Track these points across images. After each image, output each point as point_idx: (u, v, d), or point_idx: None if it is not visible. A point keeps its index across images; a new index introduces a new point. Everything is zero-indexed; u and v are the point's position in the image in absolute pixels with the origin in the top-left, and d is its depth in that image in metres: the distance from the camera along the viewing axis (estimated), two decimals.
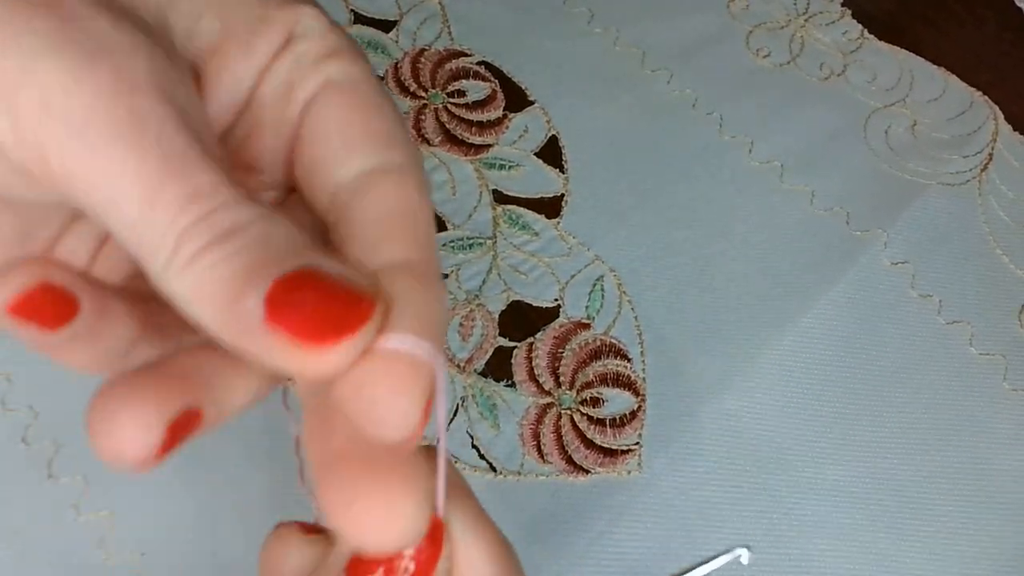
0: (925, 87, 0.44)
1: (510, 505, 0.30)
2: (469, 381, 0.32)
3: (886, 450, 0.34)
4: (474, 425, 0.31)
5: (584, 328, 0.34)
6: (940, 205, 0.40)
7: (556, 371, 0.33)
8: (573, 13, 0.43)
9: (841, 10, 0.46)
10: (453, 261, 0.34)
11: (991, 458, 0.34)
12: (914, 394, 0.35)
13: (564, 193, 0.37)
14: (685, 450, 0.32)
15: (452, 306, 0.34)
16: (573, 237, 0.36)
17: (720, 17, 0.44)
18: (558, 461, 0.31)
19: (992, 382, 0.36)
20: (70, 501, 0.28)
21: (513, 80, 0.40)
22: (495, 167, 0.37)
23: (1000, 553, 0.32)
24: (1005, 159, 0.42)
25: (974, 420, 0.35)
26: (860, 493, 0.33)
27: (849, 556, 0.31)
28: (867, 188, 0.40)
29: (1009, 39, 0.46)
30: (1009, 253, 0.39)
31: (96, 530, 0.27)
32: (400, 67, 0.39)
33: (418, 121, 0.38)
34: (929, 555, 0.32)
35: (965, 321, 0.37)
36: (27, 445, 0.28)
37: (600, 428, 0.32)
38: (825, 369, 0.35)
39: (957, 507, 0.33)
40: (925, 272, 0.38)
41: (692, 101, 0.41)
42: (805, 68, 0.43)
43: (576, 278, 0.35)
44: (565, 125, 0.39)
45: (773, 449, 0.33)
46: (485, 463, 0.31)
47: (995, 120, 0.43)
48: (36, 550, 0.27)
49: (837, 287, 0.37)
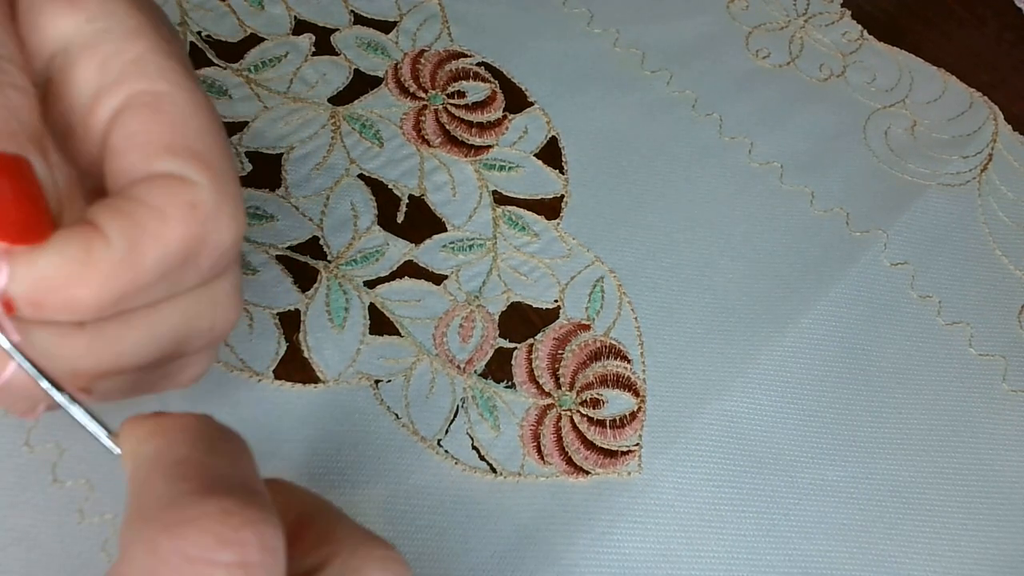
0: (925, 88, 0.44)
1: (510, 506, 0.30)
2: (469, 382, 0.32)
3: (886, 451, 0.34)
4: (474, 426, 0.31)
5: (584, 329, 0.34)
6: (940, 206, 0.40)
7: (556, 372, 0.33)
8: (573, 14, 0.43)
9: (841, 11, 0.46)
10: (453, 262, 0.35)
11: (991, 459, 0.34)
12: (914, 395, 0.35)
13: (564, 194, 0.37)
14: (685, 451, 0.32)
15: (452, 307, 0.34)
16: (573, 238, 0.36)
17: (720, 18, 0.44)
18: (558, 462, 0.31)
19: (992, 383, 0.36)
20: (75, 505, 0.28)
21: (513, 81, 0.40)
22: (495, 168, 0.37)
23: (1001, 554, 0.32)
24: (1005, 160, 0.42)
25: (974, 421, 0.35)
26: (860, 494, 0.33)
27: (849, 556, 0.31)
28: (867, 189, 0.40)
29: (1009, 39, 0.46)
30: (1009, 254, 0.39)
31: (100, 533, 0.27)
32: (400, 68, 0.39)
33: (418, 122, 0.38)
34: (929, 556, 0.32)
35: (965, 322, 0.37)
36: (31, 449, 0.28)
37: (600, 429, 0.32)
38: (825, 370, 0.35)
39: (957, 508, 0.33)
40: (925, 273, 0.38)
41: (692, 102, 0.41)
42: (805, 69, 0.43)
43: (576, 279, 0.35)
44: (565, 126, 0.39)
45: (773, 449, 0.33)
46: (485, 464, 0.31)
47: (995, 121, 0.43)
48: (41, 554, 0.27)
49: (837, 288, 0.37)
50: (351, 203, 0.35)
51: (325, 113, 0.37)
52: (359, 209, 0.35)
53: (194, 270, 0.19)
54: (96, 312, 0.18)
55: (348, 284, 0.33)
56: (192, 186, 0.19)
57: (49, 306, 0.17)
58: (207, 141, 0.19)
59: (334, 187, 0.35)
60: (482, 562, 0.29)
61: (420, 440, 0.31)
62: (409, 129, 0.37)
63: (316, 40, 0.39)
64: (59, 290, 0.17)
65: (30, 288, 0.17)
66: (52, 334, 0.19)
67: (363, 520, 0.29)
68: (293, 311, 0.32)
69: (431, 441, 0.31)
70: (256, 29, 0.39)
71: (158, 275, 0.18)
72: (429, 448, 0.31)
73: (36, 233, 0.17)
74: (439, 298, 0.34)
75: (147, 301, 0.19)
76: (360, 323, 0.33)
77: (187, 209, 0.18)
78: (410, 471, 0.30)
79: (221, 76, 0.37)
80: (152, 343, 0.20)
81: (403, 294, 0.34)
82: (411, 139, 0.37)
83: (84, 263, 0.17)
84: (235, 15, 0.39)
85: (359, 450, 0.30)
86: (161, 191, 0.18)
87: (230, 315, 0.22)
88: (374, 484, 0.30)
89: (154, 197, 0.18)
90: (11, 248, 0.17)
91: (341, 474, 0.30)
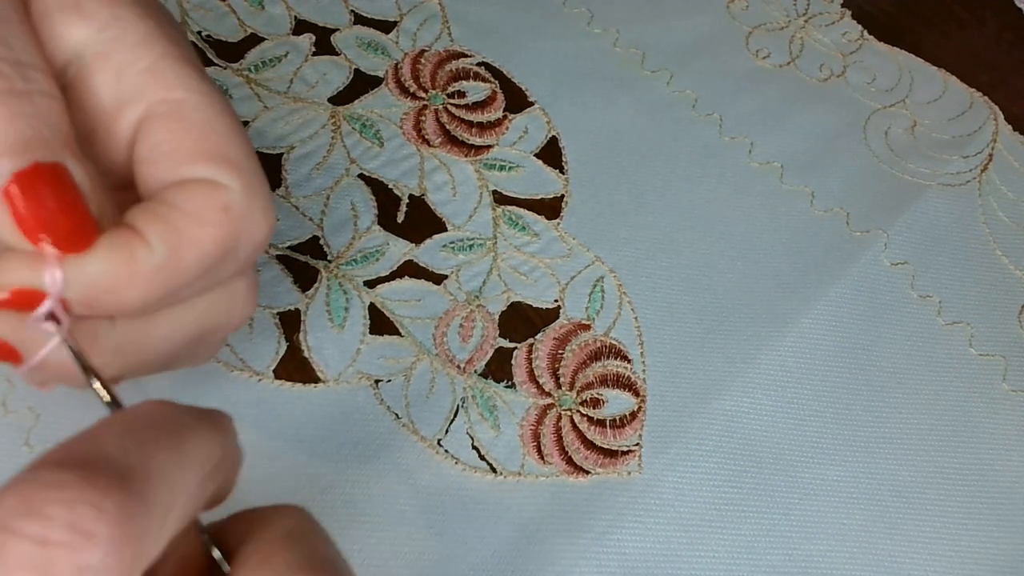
0: (925, 88, 0.44)
1: (510, 506, 0.30)
2: (469, 382, 0.32)
3: (886, 451, 0.34)
4: (474, 426, 0.31)
5: (584, 329, 0.34)
6: (940, 206, 0.40)
7: (556, 372, 0.33)
8: (573, 14, 0.43)
9: (841, 11, 0.46)
10: (453, 262, 0.35)
11: (991, 459, 0.34)
12: (914, 394, 0.35)
13: (564, 194, 0.37)
14: (685, 451, 0.32)
15: (452, 307, 0.34)
16: (573, 238, 0.36)
17: (720, 18, 0.44)
18: (558, 462, 0.31)
19: (992, 383, 0.36)
20: None
21: (513, 81, 0.40)
22: (495, 168, 0.37)
23: (1001, 553, 0.32)
24: (1005, 160, 0.42)
25: (974, 421, 0.35)
26: (860, 493, 0.33)
27: (849, 556, 0.31)
28: (867, 189, 0.40)
29: (1009, 39, 0.46)
30: (1009, 254, 0.39)
31: None
32: (400, 68, 0.39)
33: (418, 122, 0.38)
34: (929, 555, 0.32)
35: (965, 322, 0.37)
36: (31, 449, 0.28)
37: (600, 429, 0.32)
38: (825, 370, 0.35)
39: (957, 508, 0.33)
40: (925, 273, 0.38)
41: (692, 102, 0.41)
42: (805, 69, 0.43)
43: (576, 279, 0.35)
44: (565, 126, 0.39)
45: (773, 449, 0.33)
46: (485, 464, 0.31)
47: (995, 121, 0.43)
48: None
49: (837, 288, 0.37)
50: (351, 203, 0.35)
51: (325, 113, 0.37)
52: (359, 209, 0.35)
53: (231, 266, 0.20)
54: (142, 310, 0.19)
55: (348, 284, 0.33)
56: (223, 189, 0.20)
57: (99, 306, 0.19)
58: (231, 142, 0.20)
59: (334, 187, 0.35)
60: (482, 562, 0.29)
61: (420, 440, 0.31)
62: (409, 129, 0.37)
63: (316, 40, 0.39)
64: (108, 292, 0.19)
65: (81, 291, 0.18)
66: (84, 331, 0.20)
67: (363, 520, 0.29)
68: (293, 311, 0.32)
69: (431, 441, 0.31)
70: (256, 29, 0.39)
71: (198, 274, 0.20)
72: (429, 448, 0.31)
73: (84, 239, 0.18)
74: (439, 298, 0.34)
75: (186, 298, 0.20)
76: (360, 323, 0.33)
77: (221, 212, 0.19)
78: (410, 471, 0.30)
79: (221, 76, 0.37)
80: (176, 337, 0.21)
81: (403, 294, 0.34)
82: (411, 139, 0.37)
83: (130, 267, 0.18)
84: (235, 15, 0.39)
85: (359, 450, 0.30)
86: (195, 196, 0.19)
87: (248, 309, 0.23)
88: (374, 484, 0.30)
89: (189, 202, 0.19)
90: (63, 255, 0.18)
91: (341, 474, 0.30)
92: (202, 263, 0.19)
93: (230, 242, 0.20)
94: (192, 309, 0.21)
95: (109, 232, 0.19)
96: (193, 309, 0.21)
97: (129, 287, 0.19)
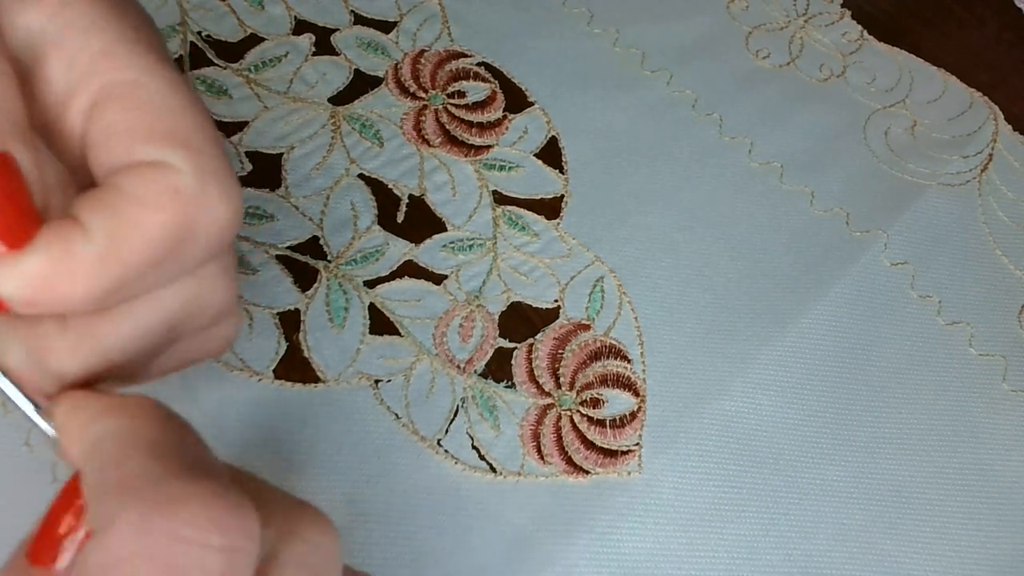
0: (925, 88, 0.44)
1: (510, 506, 0.30)
2: (469, 382, 0.32)
3: (886, 451, 0.34)
4: (474, 426, 0.31)
5: (584, 329, 0.34)
6: (940, 206, 0.40)
7: (556, 372, 0.33)
8: (573, 14, 0.43)
9: (841, 11, 0.46)
10: (453, 262, 0.35)
11: (991, 459, 0.34)
12: (914, 395, 0.35)
13: (564, 194, 0.37)
14: (685, 451, 0.32)
15: (452, 307, 0.34)
16: (573, 238, 0.36)
17: (720, 18, 0.44)
18: (558, 462, 0.31)
19: (992, 383, 0.36)
20: None
21: (513, 81, 0.40)
22: (495, 168, 0.37)
23: (1001, 553, 0.32)
24: (1005, 159, 0.42)
25: (974, 421, 0.35)
26: (860, 493, 0.33)
27: (849, 556, 0.31)
28: (867, 189, 0.40)
29: (1009, 39, 0.46)
30: (1009, 254, 0.39)
31: None
32: (400, 68, 0.39)
33: (418, 122, 0.38)
34: (929, 555, 0.32)
35: (965, 322, 0.37)
36: (30, 449, 0.28)
37: (600, 429, 0.32)
38: (825, 370, 0.35)
39: (957, 508, 0.33)
40: (925, 273, 0.38)
41: (692, 102, 0.41)
42: (805, 69, 0.43)
43: (576, 279, 0.35)
44: (565, 126, 0.39)
45: (773, 449, 0.33)
46: (485, 464, 0.31)
47: (995, 121, 0.43)
48: None
49: (837, 288, 0.37)
50: (351, 203, 0.35)
51: (325, 113, 0.37)
52: (359, 209, 0.35)
53: (191, 252, 0.19)
54: (92, 304, 0.18)
55: (348, 284, 0.33)
56: (172, 171, 0.18)
57: (40, 304, 0.17)
58: (187, 123, 0.19)
59: (334, 187, 0.35)
60: (482, 562, 0.29)
61: (420, 440, 0.31)
62: (409, 129, 0.37)
63: (316, 40, 0.39)
64: (46, 289, 0.17)
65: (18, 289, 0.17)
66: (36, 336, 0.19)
67: (363, 520, 0.29)
68: (293, 311, 0.32)
69: (431, 441, 0.31)
70: (256, 29, 0.39)
71: (147, 264, 0.18)
72: (429, 448, 0.31)
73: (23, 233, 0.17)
74: (439, 298, 0.34)
75: (147, 289, 0.19)
76: (360, 323, 0.33)
77: (169, 195, 0.18)
78: (410, 471, 0.30)
79: (221, 76, 0.37)
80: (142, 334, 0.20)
81: (403, 294, 0.34)
82: (411, 139, 0.37)
83: (65, 260, 0.17)
84: (235, 15, 0.39)
85: (359, 450, 0.30)
86: (140, 179, 0.18)
87: (223, 296, 0.21)
88: (374, 484, 0.30)
89: (134, 185, 0.18)
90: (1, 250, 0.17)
91: (341, 474, 0.30)
92: (151, 250, 0.18)
93: (182, 227, 0.18)
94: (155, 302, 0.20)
95: (48, 224, 0.17)
96: (157, 302, 0.20)
97: (67, 282, 0.17)
